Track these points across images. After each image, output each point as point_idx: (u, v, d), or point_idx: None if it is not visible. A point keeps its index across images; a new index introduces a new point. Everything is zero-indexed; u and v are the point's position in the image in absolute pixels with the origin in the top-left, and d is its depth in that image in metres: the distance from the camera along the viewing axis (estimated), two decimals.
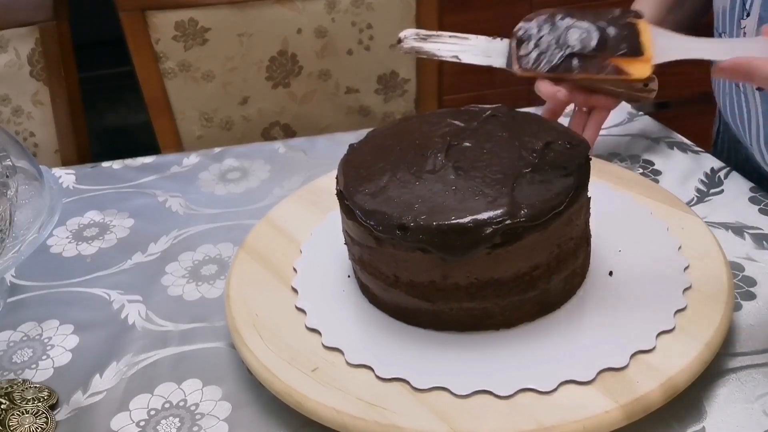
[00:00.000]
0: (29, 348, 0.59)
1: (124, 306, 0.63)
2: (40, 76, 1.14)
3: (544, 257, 0.50)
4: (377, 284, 0.54)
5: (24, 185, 0.50)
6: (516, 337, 0.51)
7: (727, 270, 0.54)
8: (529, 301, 0.51)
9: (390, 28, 1.17)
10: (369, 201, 0.51)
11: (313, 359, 0.50)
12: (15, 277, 0.68)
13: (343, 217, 0.54)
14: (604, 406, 0.44)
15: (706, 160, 0.76)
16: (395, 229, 0.48)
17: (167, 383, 0.54)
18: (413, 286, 0.51)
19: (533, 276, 0.50)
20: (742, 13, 0.65)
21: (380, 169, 0.54)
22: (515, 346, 0.50)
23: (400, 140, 0.57)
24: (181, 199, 0.78)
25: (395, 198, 0.50)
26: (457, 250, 0.48)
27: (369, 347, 0.51)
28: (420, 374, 0.48)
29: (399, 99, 1.23)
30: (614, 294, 0.54)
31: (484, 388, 0.47)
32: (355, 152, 0.58)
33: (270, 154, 0.86)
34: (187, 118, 1.20)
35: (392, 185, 0.52)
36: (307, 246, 0.62)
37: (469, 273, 0.49)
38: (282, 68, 1.18)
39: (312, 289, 0.57)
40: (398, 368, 0.49)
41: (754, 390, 0.49)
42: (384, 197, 0.51)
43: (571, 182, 0.50)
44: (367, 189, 0.52)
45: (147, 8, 1.10)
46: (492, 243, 0.48)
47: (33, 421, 0.50)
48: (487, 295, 0.50)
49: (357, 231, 0.52)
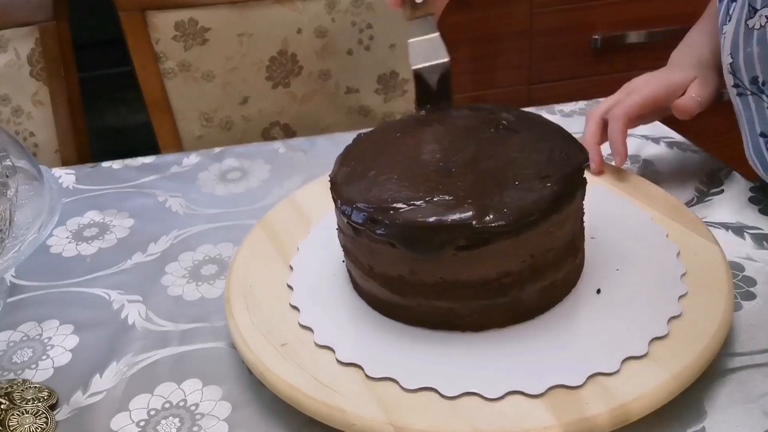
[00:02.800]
0: (29, 348, 0.59)
1: (124, 306, 0.63)
2: (40, 76, 1.14)
3: (515, 265, 0.50)
4: (356, 272, 0.55)
5: (24, 185, 0.50)
6: (482, 341, 0.51)
7: (727, 270, 0.54)
8: (500, 307, 0.51)
9: (390, 28, 1.17)
10: (352, 191, 0.52)
11: (285, 335, 0.52)
12: (15, 277, 0.68)
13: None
14: (544, 421, 0.44)
15: (706, 160, 0.76)
16: (367, 221, 0.50)
17: (167, 383, 0.54)
18: (386, 279, 0.52)
19: (502, 283, 0.50)
20: (725, 19, 0.65)
21: (376, 161, 0.55)
22: (478, 350, 0.50)
23: (404, 136, 0.58)
24: (181, 199, 0.78)
25: (377, 192, 0.51)
26: (420, 248, 0.49)
27: (337, 330, 0.53)
28: (377, 363, 0.49)
29: (399, 99, 1.23)
30: (602, 308, 0.53)
31: (431, 386, 0.47)
32: (359, 143, 0.59)
33: (270, 154, 0.86)
34: (187, 118, 1.19)
35: (380, 179, 0.53)
36: (316, 228, 0.64)
37: (436, 272, 0.50)
38: (282, 68, 1.17)
39: (307, 269, 0.60)
40: (357, 354, 0.50)
41: (754, 390, 0.49)
42: (366, 189, 0.52)
43: (550, 192, 0.49)
44: (354, 180, 0.53)
45: (147, 8, 1.10)
46: (456, 245, 0.48)
47: (33, 421, 0.50)
48: (454, 296, 0.51)
49: (340, 218, 0.54)
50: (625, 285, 0.55)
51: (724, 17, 0.66)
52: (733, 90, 0.66)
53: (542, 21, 1.45)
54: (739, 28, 0.63)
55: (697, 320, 0.50)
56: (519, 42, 1.46)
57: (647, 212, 0.62)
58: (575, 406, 0.45)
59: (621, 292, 0.54)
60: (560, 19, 1.46)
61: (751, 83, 0.64)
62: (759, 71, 0.63)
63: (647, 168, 0.76)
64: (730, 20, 0.64)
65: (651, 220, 0.61)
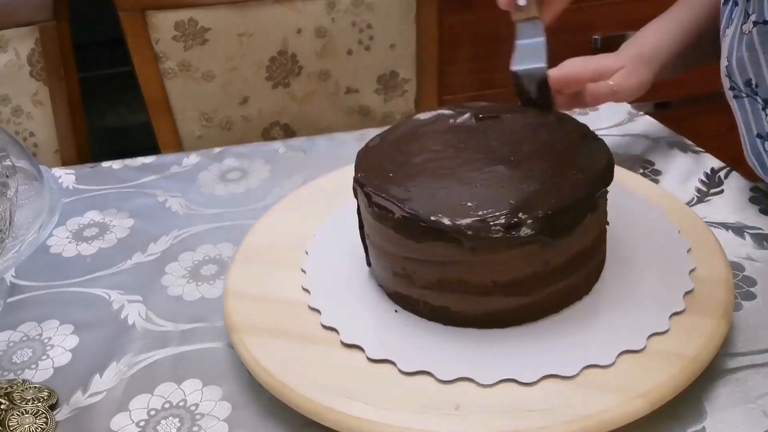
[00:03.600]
0: (29, 348, 0.59)
1: (124, 306, 0.63)
2: (40, 76, 1.14)
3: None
4: (387, 266, 0.54)
5: (24, 185, 0.50)
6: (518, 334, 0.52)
7: (727, 270, 0.54)
8: (535, 303, 0.52)
9: (390, 28, 1.17)
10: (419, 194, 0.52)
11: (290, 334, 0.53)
12: (15, 277, 0.68)
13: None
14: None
15: (706, 160, 0.76)
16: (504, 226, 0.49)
17: (167, 383, 0.54)
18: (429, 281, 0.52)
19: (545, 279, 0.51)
20: (728, 23, 0.66)
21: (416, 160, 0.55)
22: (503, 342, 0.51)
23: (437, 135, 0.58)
24: (181, 199, 0.78)
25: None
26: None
27: (364, 330, 0.53)
28: (409, 359, 0.49)
29: (399, 99, 1.23)
30: (616, 295, 0.54)
31: (466, 376, 0.48)
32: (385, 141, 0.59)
33: (270, 154, 0.86)
34: (187, 118, 1.20)
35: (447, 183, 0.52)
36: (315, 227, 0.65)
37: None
38: (282, 68, 1.18)
39: (322, 264, 0.60)
40: (388, 351, 0.50)
41: (754, 390, 0.49)
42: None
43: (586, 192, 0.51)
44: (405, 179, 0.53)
45: (147, 8, 1.10)
46: None
47: (33, 422, 0.50)
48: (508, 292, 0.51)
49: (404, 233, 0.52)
50: (631, 278, 0.55)
51: (726, 21, 0.66)
52: (730, 93, 0.67)
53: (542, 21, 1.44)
54: (736, 32, 0.64)
55: (697, 320, 0.50)
56: None
57: (660, 209, 0.62)
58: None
59: (624, 286, 0.55)
60: (560, 19, 1.45)
61: (745, 86, 0.64)
62: (751, 74, 0.63)
63: (647, 168, 0.76)
64: (731, 24, 0.65)
65: (664, 214, 0.61)
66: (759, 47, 0.61)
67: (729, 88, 0.67)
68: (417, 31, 1.18)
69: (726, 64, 0.65)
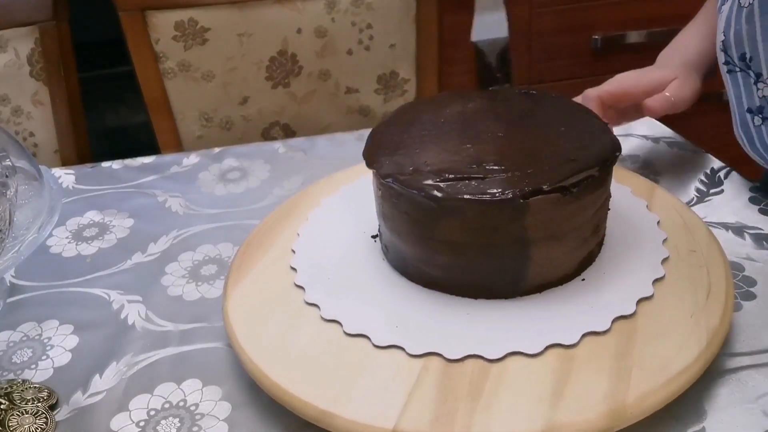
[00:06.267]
0: (29, 348, 0.59)
1: (124, 306, 0.63)
2: (39, 76, 1.14)
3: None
4: (407, 239, 0.55)
5: (24, 185, 0.50)
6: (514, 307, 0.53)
7: (727, 270, 0.54)
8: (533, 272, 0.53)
9: (390, 28, 1.17)
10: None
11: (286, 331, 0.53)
12: (15, 277, 0.68)
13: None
14: None
15: (706, 160, 0.76)
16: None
17: (167, 383, 0.54)
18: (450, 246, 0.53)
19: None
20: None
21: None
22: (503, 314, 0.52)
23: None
24: (181, 199, 0.78)
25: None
26: None
27: (370, 316, 0.53)
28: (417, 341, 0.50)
29: (399, 99, 1.23)
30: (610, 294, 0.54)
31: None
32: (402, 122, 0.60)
33: (270, 154, 0.86)
34: (187, 118, 1.20)
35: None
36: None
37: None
38: (282, 68, 1.18)
39: (309, 260, 0.60)
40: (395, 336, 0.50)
41: (754, 390, 0.49)
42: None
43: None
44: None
45: (147, 8, 1.10)
46: None
47: (33, 422, 0.50)
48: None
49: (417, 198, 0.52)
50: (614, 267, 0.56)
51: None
52: (724, 67, 0.67)
53: (542, 21, 1.45)
54: (734, 7, 0.65)
55: (697, 319, 0.50)
56: (519, 42, 1.46)
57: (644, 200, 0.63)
58: None
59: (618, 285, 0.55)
60: (560, 19, 1.46)
61: (740, 60, 0.65)
62: (747, 48, 0.64)
63: (647, 168, 0.76)
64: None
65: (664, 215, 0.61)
66: (758, 20, 0.62)
67: (723, 62, 0.67)
68: (417, 31, 1.18)
69: (722, 39, 0.66)
